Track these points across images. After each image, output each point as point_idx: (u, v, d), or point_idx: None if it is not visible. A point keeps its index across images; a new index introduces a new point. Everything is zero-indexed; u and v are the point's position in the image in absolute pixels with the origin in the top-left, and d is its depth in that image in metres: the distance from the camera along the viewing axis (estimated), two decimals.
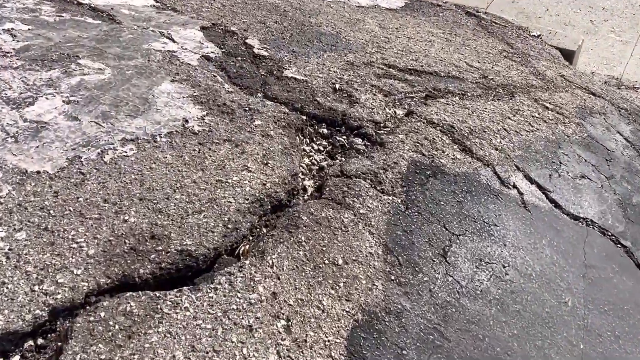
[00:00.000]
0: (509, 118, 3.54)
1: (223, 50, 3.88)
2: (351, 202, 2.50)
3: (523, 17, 6.75)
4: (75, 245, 2.06)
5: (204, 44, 3.93)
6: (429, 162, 2.90)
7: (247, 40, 4.02)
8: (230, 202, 2.41)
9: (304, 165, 2.93)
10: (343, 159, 3.02)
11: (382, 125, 3.26)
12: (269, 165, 2.69)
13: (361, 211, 2.47)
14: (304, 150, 3.06)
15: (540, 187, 3.05)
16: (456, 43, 4.80)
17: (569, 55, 5.53)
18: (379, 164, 2.80)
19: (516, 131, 3.42)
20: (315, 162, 3.01)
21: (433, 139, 3.08)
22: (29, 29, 3.65)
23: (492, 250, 2.52)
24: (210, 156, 2.66)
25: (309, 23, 4.65)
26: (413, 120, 3.26)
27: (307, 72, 3.66)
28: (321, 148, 3.12)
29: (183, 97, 3.13)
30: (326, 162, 3.01)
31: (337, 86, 3.52)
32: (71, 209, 2.22)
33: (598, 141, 3.72)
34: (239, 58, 3.79)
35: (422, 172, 2.82)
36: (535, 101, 3.90)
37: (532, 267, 2.52)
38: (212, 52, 3.81)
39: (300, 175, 2.81)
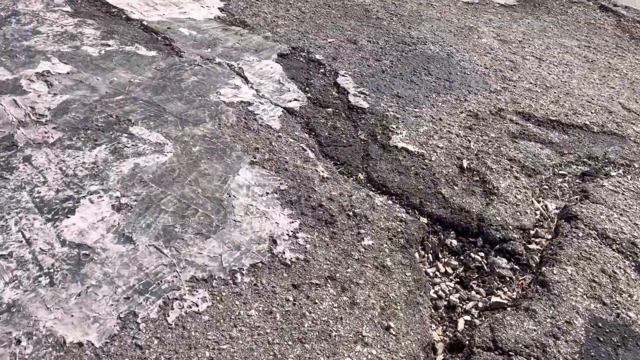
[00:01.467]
0: None
1: (309, 95, 3.02)
2: None
3: None
4: None
5: (285, 85, 3.07)
6: (614, 319, 2.04)
7: (338, 80, 3.13)
8: None
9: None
10: (482, 290, 2.20)
11: (533, 234, 2.39)
12: (392, 330, 1.91)
13: None
14: (426, 273, 2.25)
15: None
16: (599, 65, 3.73)
17: None
18: (546, 326, 1.96)
19: None
20: (443, 294, 2.20)
21: (613, 271, 2.20)
22: (68, 73, 2.89)
23: None
24: (310, 313, 1.90)
25: (410, 40, 3.67)
26: (579, 232, 2.36)
27: (422, 137, 2.77)
28: (449, 270, 2.29)
29: (267, 193, 2.34)
30: (458, 296, 2.20)
31: (465, 164, 2.63)
32: None
33: None
34: (330, 110, 2.92)
35: (607, 339, 1.97)
36: None
37: None
38: (297, 100, 2.96)
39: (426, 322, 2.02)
